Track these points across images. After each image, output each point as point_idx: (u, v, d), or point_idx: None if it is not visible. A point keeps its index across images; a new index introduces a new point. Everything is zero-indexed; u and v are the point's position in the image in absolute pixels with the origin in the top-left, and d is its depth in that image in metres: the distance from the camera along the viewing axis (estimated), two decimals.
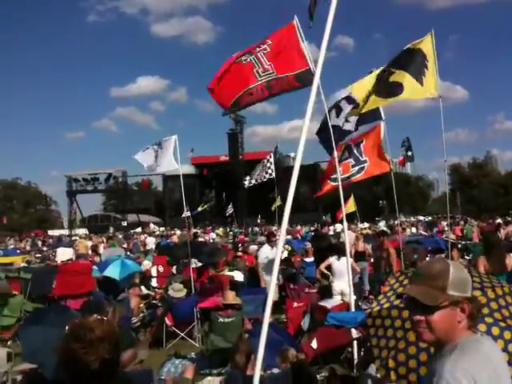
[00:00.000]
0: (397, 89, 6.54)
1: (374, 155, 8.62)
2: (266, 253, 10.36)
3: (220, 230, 37.22)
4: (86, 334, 1.83)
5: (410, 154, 19.44)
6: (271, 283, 3.99)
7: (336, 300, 8.42)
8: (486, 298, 2.83)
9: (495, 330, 2.67)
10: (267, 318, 3.58)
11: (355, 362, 6.67)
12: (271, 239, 10.69)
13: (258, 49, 5.72)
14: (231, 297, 7.86)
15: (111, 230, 54.60)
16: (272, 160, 16.44)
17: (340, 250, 9.05)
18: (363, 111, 6.91)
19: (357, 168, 8.57)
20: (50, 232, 59.97)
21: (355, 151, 8.63)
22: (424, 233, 22.48)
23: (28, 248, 31.93)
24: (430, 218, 51.62)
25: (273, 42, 5.75)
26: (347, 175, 8.52)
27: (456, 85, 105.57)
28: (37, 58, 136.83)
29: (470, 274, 1.97)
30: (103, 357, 1.82)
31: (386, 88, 6.58)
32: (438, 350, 1.90)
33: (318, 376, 6.14)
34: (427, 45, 6.96)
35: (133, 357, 5.42)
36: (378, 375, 3.32)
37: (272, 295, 3.93)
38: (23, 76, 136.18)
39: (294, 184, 3.85)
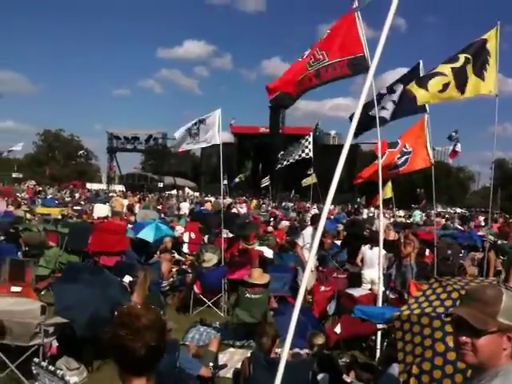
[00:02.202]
0: (463, 85, 6.23)
1: (418, 148, 8.46)
2: (309, 237, 9.43)
3: (253, 202, 37.29)
4: (134, 322, 1.89)
5: (457, 147, 18.90)
6: (306, 268, 3.90)
7: (364, 289, 8.39)
8: None
9: None
10: (298, 307, 3.58)
11: (377, 351, 6.70)
12: (315, 222, 9.79)
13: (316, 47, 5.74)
14: (258, 274, 7.93)
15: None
16: (311, 139, 16.26)
17: (373, 240, 8.98)
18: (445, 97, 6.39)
19: (403, 158, 8.43)
20: (89, 185, 61.44)
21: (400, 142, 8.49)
22: (460, 227, 21.99)
23: (67, 199, 32.79)
24: (466, 211, 50.58)
25: (330, 30, 5.72)
26: (397, 163, 8.38)
27: (509, 78, 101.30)
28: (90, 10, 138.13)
29: None
30: (149, 344, 1.88)
31: (465, 80, 6.21)
32: (477, 374, 1.90)
33: (339, 361, 6.21)
34: (492, 39, 6.67)
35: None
36: (400, 378, 3.31)
37: (306, 281, 3.85)
38: (74, 29, 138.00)
39: (341, 166, 3.75)
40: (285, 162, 16.72)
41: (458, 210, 51.91)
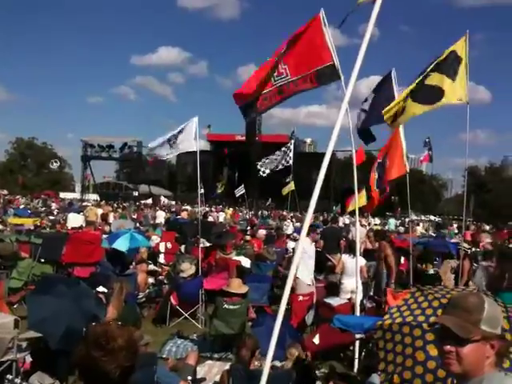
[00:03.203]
0: (437, 94, 6.29)
1: (394, 156, 8.50)
2: (304, 247, 8.95)
3: (229, 211, 37.20)
4: (109, 343, 1.83)
5: (430, 154, 19.23)
6: (288, 281, 3.85)
7: (342, 298, 8.38)
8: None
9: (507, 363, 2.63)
10: (280, 319, 3.54)
11: (355, 361, 6.70)
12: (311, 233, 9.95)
13: (281, 51, 5.65)
14: (237, 285, 7.88)
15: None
16: (292, 147, 16.36)
17: (353, 249, 9.00)
18: (400, 120, 6.45)
19: (377, 174, 8.47)
20: (62, 195, 60.50)
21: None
22: (433, 234, 22.32)
23: (39, 208, 32.21)
24: (440, 218, 51.32)
25: (294, 39, 5.59)
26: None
27: (479, 85, 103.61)
28: (61, 20, 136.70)
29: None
30: (123, 365, 1.83)
31: (424, 92, 6.27)
32: (461, 382, 1.92)
33: (317, 372, 6.20)
34: (461, 48, 6.79)
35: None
36: None
37: (288, 292, 3.79)
38: (46, 38, 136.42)
39: (324, 173, 3.74)
40: (267, 171, 16.73)
41: (432, 218, 52.63)
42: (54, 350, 5.54)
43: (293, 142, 17.22)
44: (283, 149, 16.78)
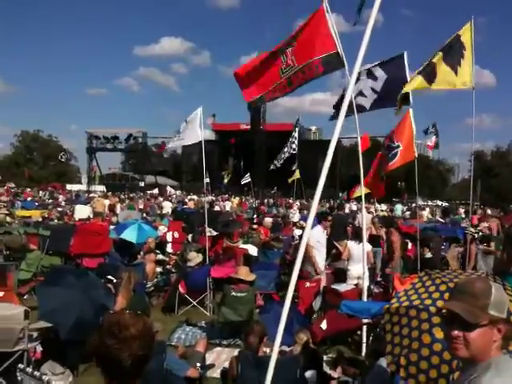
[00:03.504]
0: (431, 76, 6.27)
1: (406, 142, 8.41)
2: (315, 237, 8.98)
3: (235, 199, 37.24)
4: (122, 331, 1.86)
5: (436, 139, 19.07)
6: (295, 268, 3.85)
7: (349, 284, 8.40)
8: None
9: None
10: (288, 304, 3.56)
11: (363, 346, 6.74)
12: (323, 221, 9.46)
13: (288, 43, 5.72)
14: (245, 273, 7.92)
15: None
16: (296, 135, 16.34)
17: (359, 235, 9.00)
18: (408, 89, 6.43)
19: (390, 154, 8.34)
20: (69, 186, 60.72)
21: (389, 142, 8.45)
22: (441, 220, 22.22)
23: (46, 200, 32.37)
24: (447, 203, 51.17)
25: (301, 30, 5.68)
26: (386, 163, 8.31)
27: (484, 69, 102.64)
28: (62, 9, 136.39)
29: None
30: (136, 354, 1.86)
31: (429, 70, 6.24)
32: (468, 366, 1.93)
33: (325, 357, 6.25)
34: (466, 33, 6.73)
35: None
36: (389, 370, 3.35)
37: (295, 279, 3.79)
38: (46, 29, 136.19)
39: (329, 161, 3.75)
40: (278, 164, 16.81)
41: (439, 203, 52.50)
42: (64, 340, 5.63)
43: (297, 130, 17.17)
44: (289, 138, 16.80)
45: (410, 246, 11.88)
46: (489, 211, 28.86)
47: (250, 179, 35.85)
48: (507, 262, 6.84)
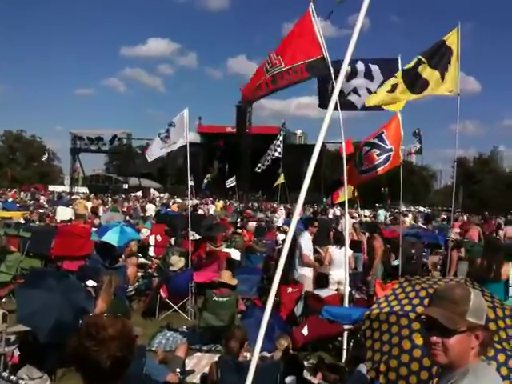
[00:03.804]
0: (423, 85, 6.34)
1: (396, 146, 8.40)
2: (307, 244, 9.00)
3: (220, 203, 37.17)
4: (99, 332, 1.85)
5: (419, 146, 19.29)
6: (276, 273, 3.82)
7: (330, 289, 8.42)
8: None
9: (491, 352, 2.67)
10: (269, 310, 3.54)
11: (344, 352, 6.75)
12: (309, 227, 9.48)
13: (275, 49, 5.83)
14: (227, 277, 7.89)
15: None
16: (281, 138, 16.38)
17: (340, 240, 9.03)
18: (391, 106, 6.49)
19: (383, 157, 8.25)
20: (51, 187, 60.06)
21: (378, 141, 8.36)
22: (423, 226, 22.43)
23: (28, 202, 31.99)
24: (429, 209, 51.61)
25: (288, 33, 5.77)
26: (375, 163, 8.19)
27: (469, 76, 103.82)
28: (49, 10, 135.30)
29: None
30: (115, 355, 1.84)
31: (415, 80, 6.31)
32: (446, 373, 1.95)
33: (305, 363, 6.24)
34: (453, 39, 6.81)
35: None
36: (368, 376, 3.35)
37: (277, 284, 3.76)
38: (33, 30, 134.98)
39: (314, 165, 3.74)
40: (263, 167, 16.86)
41: (421, 209, 52.93)
42: (43, 344, 5.54)
43: (282, 133, 17.23)
44: (274, 141, 16.85)
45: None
46: (465, 218, 29.17)
47: (235, 182, 35.79)
48: (487, 268, 6.91)
